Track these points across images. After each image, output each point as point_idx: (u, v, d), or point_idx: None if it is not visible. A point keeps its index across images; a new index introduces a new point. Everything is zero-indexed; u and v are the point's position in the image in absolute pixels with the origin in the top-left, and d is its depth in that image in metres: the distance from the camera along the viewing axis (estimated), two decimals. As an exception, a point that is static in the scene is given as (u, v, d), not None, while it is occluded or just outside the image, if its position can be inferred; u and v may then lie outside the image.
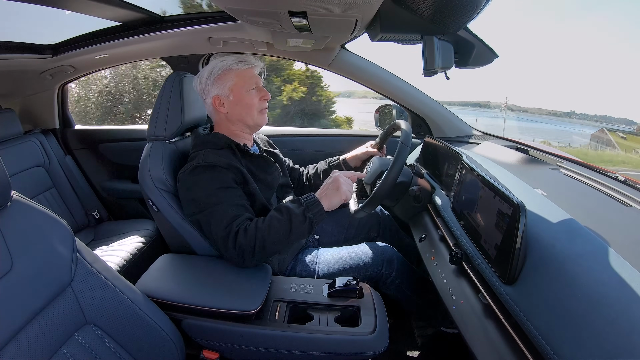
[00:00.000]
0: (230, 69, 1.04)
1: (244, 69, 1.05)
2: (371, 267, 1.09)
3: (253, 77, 1.07)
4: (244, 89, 1.04)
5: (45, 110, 1.81)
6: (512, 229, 0.60)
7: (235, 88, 1.04)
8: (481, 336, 0.62)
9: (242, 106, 1.05)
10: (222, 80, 1.04)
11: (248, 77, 1.05)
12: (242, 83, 1.04)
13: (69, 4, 1.15)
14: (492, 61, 1.01)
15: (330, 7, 0.75)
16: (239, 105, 1.05)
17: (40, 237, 0.64)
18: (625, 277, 0.49)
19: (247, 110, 1.06)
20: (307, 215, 0.90)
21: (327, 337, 0.81)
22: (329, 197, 0.94)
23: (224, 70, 1.03)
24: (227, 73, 1.03)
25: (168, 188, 1.01)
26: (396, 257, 1.12)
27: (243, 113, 1.06)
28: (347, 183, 0.97)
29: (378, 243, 1.17)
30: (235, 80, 1.04)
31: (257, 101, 1.06)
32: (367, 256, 1.10)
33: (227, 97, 1.04)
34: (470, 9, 0.71)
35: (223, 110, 1.06)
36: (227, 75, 1.04)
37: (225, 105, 1.05)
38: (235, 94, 1.04)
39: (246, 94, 1.05)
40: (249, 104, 1.05)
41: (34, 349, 0.59)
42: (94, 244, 1.54)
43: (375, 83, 1.55)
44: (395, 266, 1.10)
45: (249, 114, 1.06)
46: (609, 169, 0.95)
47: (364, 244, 1.16)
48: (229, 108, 1.05)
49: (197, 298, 0.85)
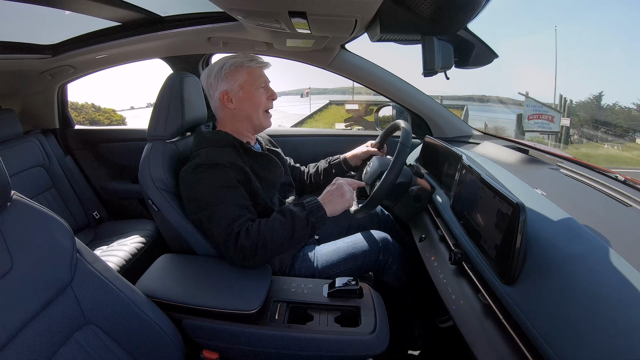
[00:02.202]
0: (242, 65, 1.06)
1: (254, 67, 1.08)
2: (369, 254, 1.09)
3: (262, 75, 1.10)
4: (254, 86, 1.07)
5: (45, 110, 1.81)
6: (512, 229, 0.60)
7: (245, 85, 1.06)
8: (481, 336, 0.62)
9: (250, 103, 1.08)
10: (233, 76, 1.06)
11: (258, 76, 1.08)
12: (252, 81, 1.07)
13: (69, 4, 1.15)
14: (492, 61, 1.01)
15: (330, 7, 0.75)
16: (247, 102, 1.07)
17: (40, 237, 0.64)
18: (625, 277, 0.49)
19: (254, 108, 1.08)
20: (310, 219, 0.91)
21: (327, 337, 0.81)
22: (333, 203, 0.95)
23: (236, 67, 1.06)
24: (239, 69, 1.06)
25: (168, 188, 1.01)
26: (392, 244, 1.13)
27: (250, 110, 1.08)
28: (350, 191, 0.99)
29: (372, 232, 1.16)
30: (246, 77, 1.06)
31: (265, 100, 1.10)
32: (363, 245, 1.11)
33: (237, 93, 1.06)
34: (470, 9, 0.71)
35: (231, 107, 1.07)
36: (239, 72, 1.06)
37: (233, 102, 1.07)
38: (245, 91, 1.07)
39: (255, 91, 1.08)
40: (257, 101, 1.08)
41: (33, 349, 0.58)
42: (94, 244, 1.54)
43: (375, 83, 1.55)
44: (391, 252, 1.11)
45: (256, 112, 1.09)
46: (610, 169, 0.95)
47: (359, 234, 1.16)
48: (237, 104, 1.07)
49: (197, 298, 0.85)
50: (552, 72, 19.78)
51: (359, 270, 1.09)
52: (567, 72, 16.77)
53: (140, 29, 1.40)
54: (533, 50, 76.61)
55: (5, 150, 1.50)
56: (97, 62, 1.65)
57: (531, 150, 1.20)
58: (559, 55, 41.72)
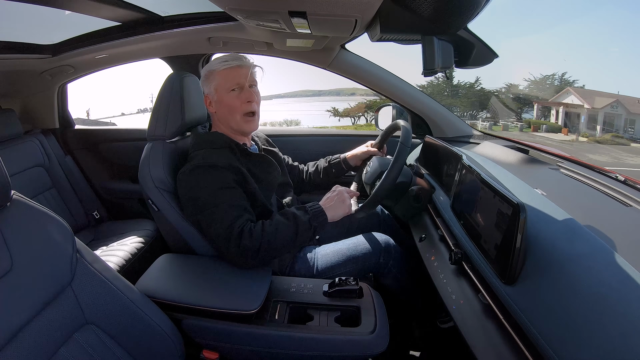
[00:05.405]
0: (215, 68, 1.02)
1: (224, 69, 1.01)
2: (369, 257, 1.09)
3: (237, 77, 1.02)
4: (225, 90, 1.02)
5: (45, 110, 1.81)
6: (512, 229, 0.60)
7: (218, 88, 1.03)
8: (481, 336, 0.62)
9: (223, 107, 1.04)
10: (209, 80, 1.04)
11: (230, 77, 1.01)
12: (223, 83, 1.02)
13: (69, 4, 1.15)
14: (492, 61, 1.01)
15: (330, 7, 0.75)
16: (222, 106, 1.04)
17: (40, 237, 0.64)
18: (625, 277, 0.49)
19: (230, 112, 1.03)
20: (313, 223, 0.93)
21: (327, 337, 0.81)
22: (334, 209, 0.98)
23: (210, 70, 1.04)
24: (212, 72, 1.03)
25: (168, 188, 1.01)
26: (393, 246, 1.13)
27: (226, 114, 1.04)
28: (349, 198, 1.03)
29: (374, 234, 1.16)
30: (218, 80, 1.03)
31: (239, 103, 1.02)
32: (364, 247, 1.11)
33: (213, 97, 1.05)
34: (470, 9, 0.71)
35: (212, 110, 1.07)
36: (212, 75, 1.03)
37: (213, 105, 1.06)
38: (219, 95, 1.03)
39: (227, 95, 1.02)
40: (229, 105, 1.02)
41: (34, 348, 0.58)
42: (94, 244, 1.54)
43: (375, 83, 1.55)
44: (392, 255, 1.11)
45: (232, 116, 1.03)
46: (611, 170, 0.95)
47: (361, 236, 1.16)
48: (216, 108, 1.06)
49: (197, 298, 0.85)
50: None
51: (359, 273, 1.09)
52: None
53: (140, 29, 1.40)
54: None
55: (5, 150, 1.50)
56: (97, 62, 1.65)
57: (531, 150, 1.20)
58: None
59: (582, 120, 12.37)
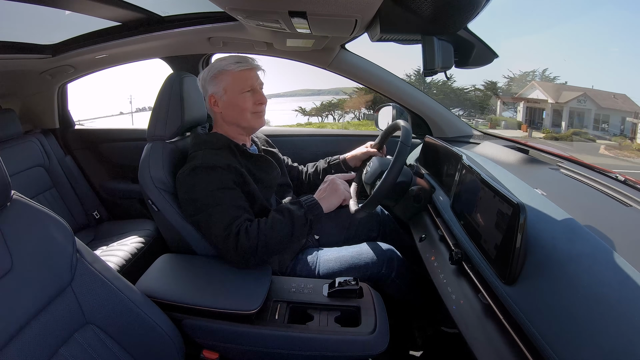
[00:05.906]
0: (226, 69, 1.02)
1: (238, 71, 1.02)
2: (371, 267, 1.08)
3: (249, 79, 1.04)
4: (237, 91, 1.02)
5: (45, 110, 1.81)
6: (512, 229, 0.60)
7: (229, 89, 1.03)
8: (481, 336, 0.62)
9: (234, 108, 1.04)
10: (218, 80, 1.03)
11: (243, 79, 1.03)
12: (236, 85, 1.02)
13: (69, 4, 1.15)
14: (492, 61, 1.01)
15: (330, 7, 0.75)
16: (231, 106, 1.04)
17: (40, 237, 0.64)
18: (625, 277, 0.49)
19: (240, 113, 1.04)
20: (308, 217, 0.93)
21: (327, 337, 0.81)
22: (327, 199, 0.98)
23: (220, 71, 1.03)
24: (223, 73, 1.03)
25: (168, 188, 1.01)
26: (396, 258, 1.12)
27: (236, 115, 1.05)
28: (343, 183, 1.01)
29: (379, 243, 1.16)
30: (230, 81, 1.02)
31: (251, 105, 1.04)
32: (367, 256, 1.10)
33: (221, 97, 1.04)
34: (470, 9, 0.71)
35: (217, 110, 1.06)
36: (223, 76, 1.03)
37: (219, 105, 1.05)
38: (229, 95, 1.03)
39: (239, 96, 1.03)
40: (241, 106, 1.03)
41: (34, 349, 0.59)
42: (94, 244, 1.54)
43: (375, 83, 1.55)
44: (395, 266, 1.10)
45: (242, 116, 1.05)
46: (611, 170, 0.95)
47: (365, 244, 1.16)
48: (222, 108, 1.05)
49: (197, 298, 0.85)
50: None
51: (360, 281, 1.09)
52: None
53: (140, 29, 1.40)
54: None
55: (5, 150, 1.50)
56: (97, 62, 1.65)
57: (531, 150, 1.20)
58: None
59: (544, 115, 12.07)
